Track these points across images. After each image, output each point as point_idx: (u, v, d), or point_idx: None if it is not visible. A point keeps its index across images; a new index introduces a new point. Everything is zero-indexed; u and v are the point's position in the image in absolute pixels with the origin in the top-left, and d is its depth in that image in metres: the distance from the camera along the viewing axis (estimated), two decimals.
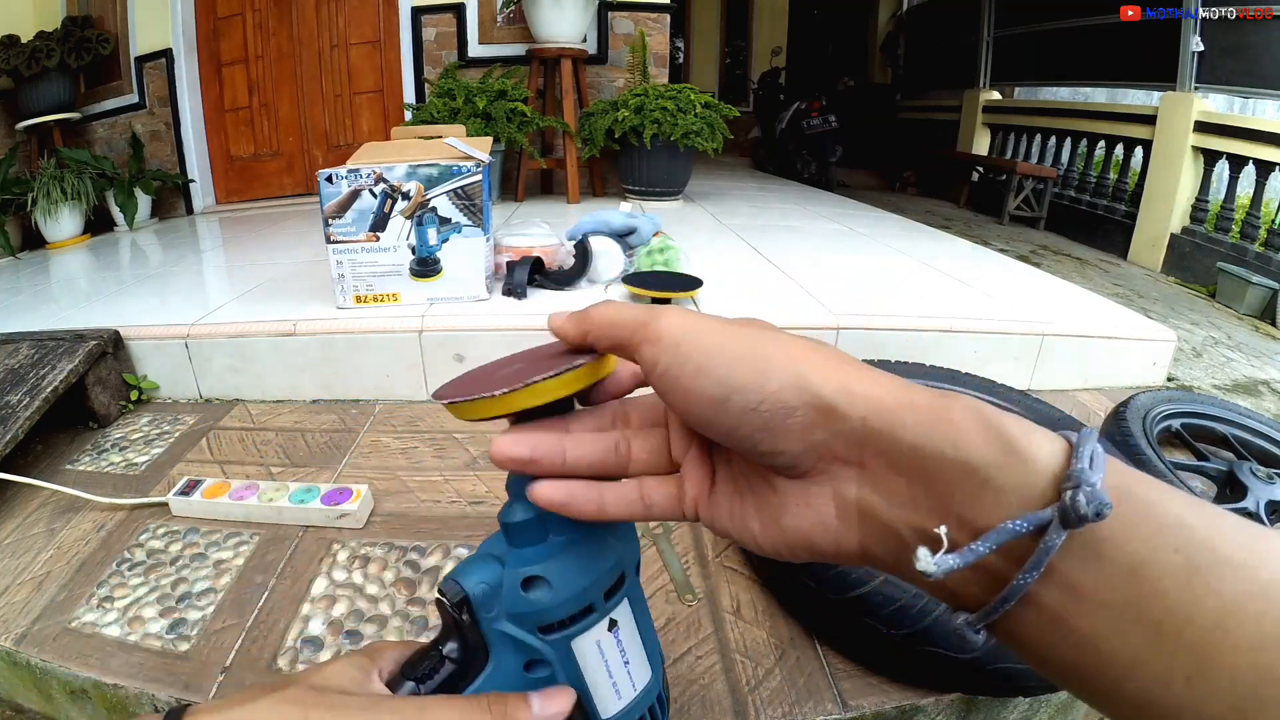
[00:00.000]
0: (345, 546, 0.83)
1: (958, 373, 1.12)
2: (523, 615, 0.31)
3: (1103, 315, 1.48)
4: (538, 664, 0.32)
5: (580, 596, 0.32)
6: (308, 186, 2.91)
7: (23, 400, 0.98)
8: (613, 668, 0.34)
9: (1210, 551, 0.19)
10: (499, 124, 2.34)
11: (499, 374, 0.32)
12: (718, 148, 2.48)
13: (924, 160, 5.48)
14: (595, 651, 0.33)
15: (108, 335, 1.17)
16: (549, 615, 0.31)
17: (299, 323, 1.23)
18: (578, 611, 0.32)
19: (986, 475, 0.20)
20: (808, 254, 1.84)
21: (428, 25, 2.77)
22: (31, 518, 0.90)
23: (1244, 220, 3.08)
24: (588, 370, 0.32)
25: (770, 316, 1.26)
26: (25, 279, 1.79)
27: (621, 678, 0.34)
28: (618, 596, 0.33)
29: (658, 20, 2.83)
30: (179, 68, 2.64)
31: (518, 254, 1.44)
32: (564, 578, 0.32)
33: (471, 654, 0.32)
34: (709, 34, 7.02)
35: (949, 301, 1.46)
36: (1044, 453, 0.20)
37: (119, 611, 0.73)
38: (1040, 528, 0.19)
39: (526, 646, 0.32)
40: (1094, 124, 4.02)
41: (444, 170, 1.21)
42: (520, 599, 0.31)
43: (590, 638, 0.33)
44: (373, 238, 1.23)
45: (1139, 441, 1.00)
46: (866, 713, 0.63)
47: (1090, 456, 0.20)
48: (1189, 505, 0.20)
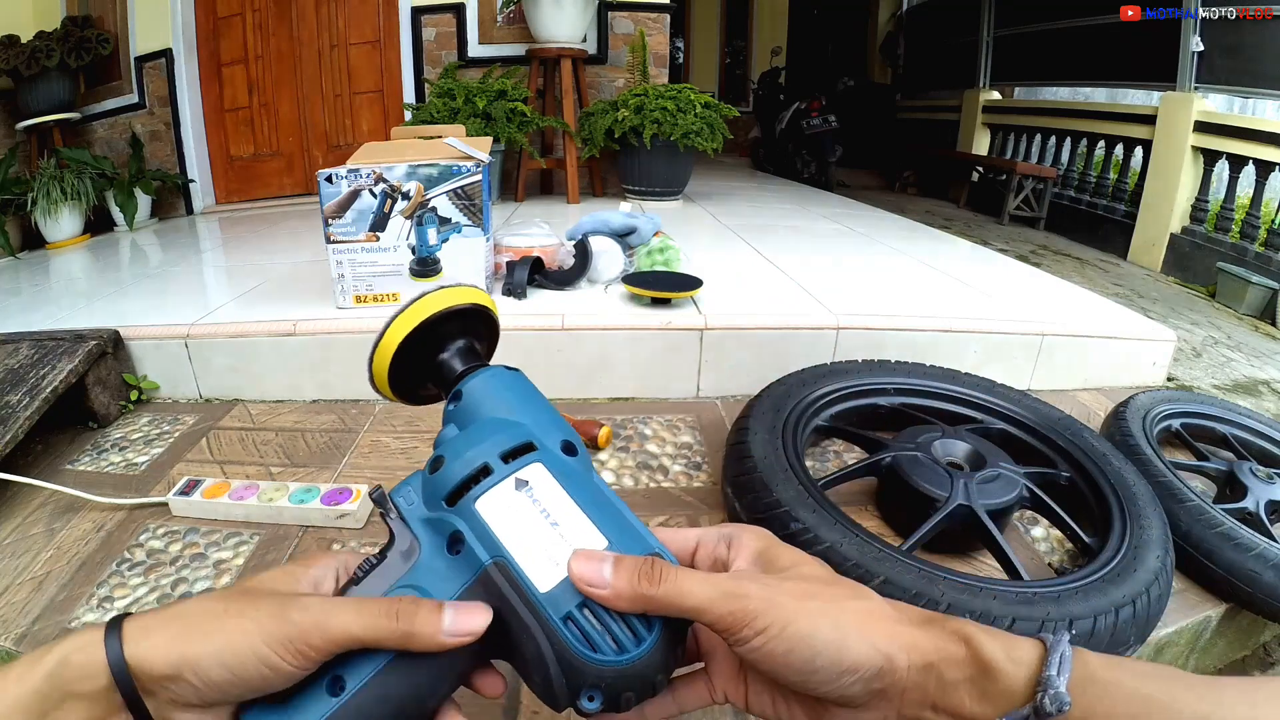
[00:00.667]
0: (345, 546, 0.83)
1: (957, 373, 1.12)
2: (431, 495, 0.33)
3: (1103, 315, 1.48)
4: (456, 539, 0.32)
5: (471, 458, 0.33)
6: (307, 186, 2.91)
7: (23, 400, 0.98)
8: (534, 528, 0.31)
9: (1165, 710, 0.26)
10: (499, 124, 2.34)
11: None
12: (718, 148, 2.48)
13: (924, 160, 5.48)
14: (505, 512, 0.32)
15: (108, 335, 1.17)
16: (448, 481, 0.33)
17: (299, 323, 1.23)
18: (475, 471, 0.33)
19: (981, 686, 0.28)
20: (808, 254, 1.84)
21: (428, 25, 2.77)
22: (31, 518, 0.90)
23: (1244, 220, 3.08)
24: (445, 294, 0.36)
25: (770, 316, 1.26)
26: (25, 279, 1.79)
27: (552, 542, 0.31)
28: (523, 460, 0.33)
29: (657, 20, 2.83)
30: (179, 68, 2.64)
31: (518, 254, 1.44)
32: (455, 447, 0.34)
33: (405, 551, 0.32)
34: (709, 34, 7.02)
35: (949, 301, 1.46)
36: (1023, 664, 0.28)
37: (119, 611, 0.73)
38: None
39: (441, 523, 0.32)
40: (1094, 124, 4.02)
41: (444, 170, 1.21)
42: (428, 480, 0.34)
43: (495, 495, 0.32)
44: (372, 238, 1.23)
45: (1139, 441, 1.00)
46: None
47: (1059, 660, 0.27)
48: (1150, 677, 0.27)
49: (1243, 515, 0.91)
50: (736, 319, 1.25)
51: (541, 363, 1.23)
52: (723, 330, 1.24)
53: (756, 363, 1.25)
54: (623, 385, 1.26)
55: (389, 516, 0.33)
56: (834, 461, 1.07)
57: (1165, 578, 0.73)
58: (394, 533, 0.33)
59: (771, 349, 1.25)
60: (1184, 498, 0.88)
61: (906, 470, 0.85)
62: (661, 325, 1.23)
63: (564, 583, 0.30)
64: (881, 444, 0.93)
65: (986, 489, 0.82)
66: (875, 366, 1.12)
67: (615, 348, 1.24)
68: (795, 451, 0.88)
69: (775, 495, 0.77)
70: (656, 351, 1.24)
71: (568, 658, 0.29)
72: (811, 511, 0.75)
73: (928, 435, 0.92)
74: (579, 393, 1.26)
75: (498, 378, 0.38)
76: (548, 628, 0.29)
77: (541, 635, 0.29)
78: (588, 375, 1.25)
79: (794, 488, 0.78)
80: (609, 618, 0.30)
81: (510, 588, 0.30)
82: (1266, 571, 0.77)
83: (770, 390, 1.03)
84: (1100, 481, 0.87)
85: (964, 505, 0.80)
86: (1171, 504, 0.87)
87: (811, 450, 1.10)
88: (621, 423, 1.15)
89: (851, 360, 1.17)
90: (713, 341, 1.24)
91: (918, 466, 0.86)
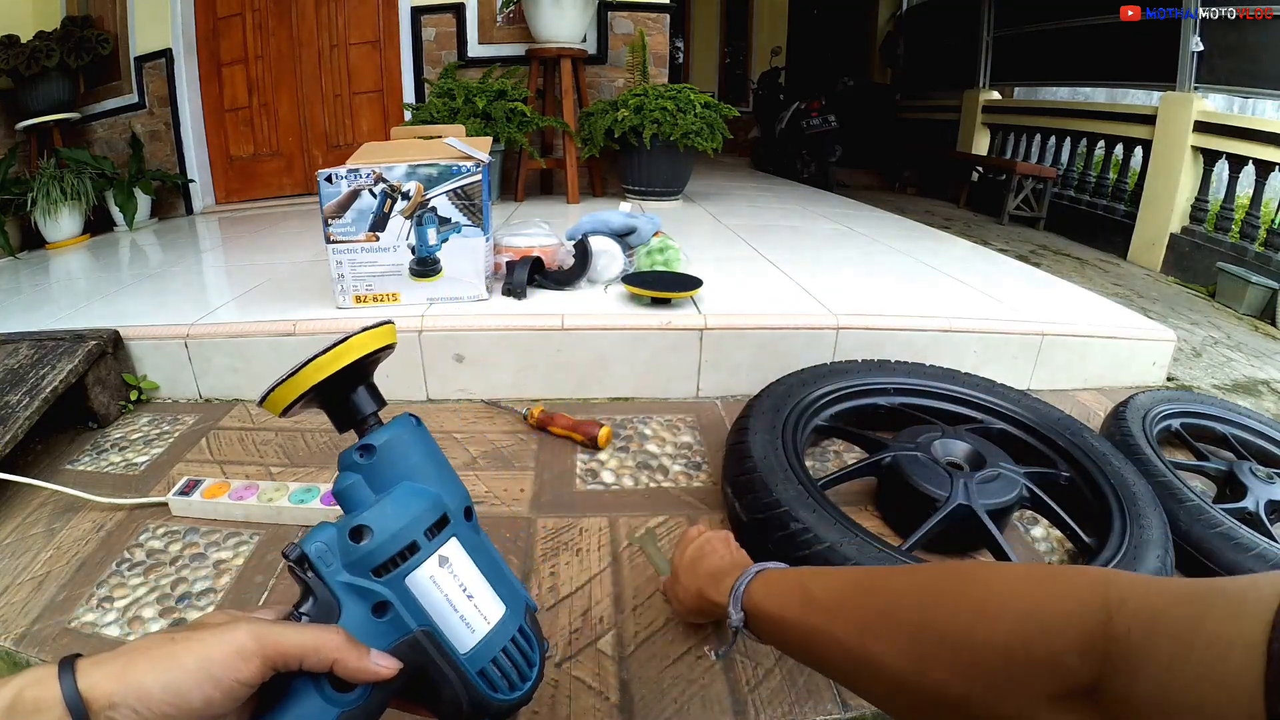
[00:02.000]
0: None
1: (957, 373, 1.12)
2: (356, 563, 0.35)
3: (1102, 315, 1.48)
4: (382, 606, 0.35)
5: (401, 534, 0.35)
6: (307, 186, 2.91)
7: (22, 400, 0.98)
8: (455, 602, 0.37)
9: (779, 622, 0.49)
10: (499, 124, 2.34)
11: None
12: (717, 148, 2.48)
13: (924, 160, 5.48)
14: (431, 586, 0.36)
15: (107, 335, 1.17)
16: (377, 556, 0.35)
17: (299, 323, 1.23)
18: (403, 548, 0.36)
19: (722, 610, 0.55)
20: (808, 254, 1.84)
21: (427, 25, 2.77)
22: (31, 518, 0.90)
23: (1243, 220, 3.08)
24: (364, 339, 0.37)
25: (770, 316, 1.26)
26: (25, 279, 1.79)
27: (469, 612, 0.37)
28: (443, 535, 0.37)
29: (657, 20, 2.83)
30: (179, 68, 2.63)
31: (517, 254, 1.43)
32: (383, 521, 0.35)
33: (325, 609, 0.35)
34: (709, 34, 7.02)
35: (949, 301, 1.46)
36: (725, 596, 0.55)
37: (118, 611, 0.73)
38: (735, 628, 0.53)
39: (368, 591, 0.35)
40: (1094, 124, 4.02)
41: (443, 170, 1.21)
42: (351, 548, 0.35)
43: (423, 574, 0.36)
44: (372, 238, 1.23)
45: (1138, 441, 1.00)
46: (866, 713, 0.63)
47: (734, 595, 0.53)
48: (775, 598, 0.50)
49: (1243, 515, 0.91)
50: (736, 319, 1.25)
51: (541, 363, 1.23)
52: (722, 330, 1.24)
53: (756, 363, 1.25)
54: (622, 385, 1.26)
55: (306, 575, 0.35)
56: (834, 461, 1.07)
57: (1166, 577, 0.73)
58: (313, 591, 0.35)
59: (771, 349, 1.25)
60: (1184, 498, 0.88)
61: (906, 470, 0.85)
62: (661, 325, 1.23)
63: (479, 644, 0.37)
64: (881, 444, 0.93)
65: (986, 489, 0.82)
66: (875, 366, 1.12)
67: (615, 348, 1.24)
68: (795, 451, 0.88)
69: (775, 495, 0.77)
70: (656, 351, 1.24)
71: (478, 698, 0.37)
72: (811, 511, 0.75)
73: (928, 435, 0.92)
74: (579, 393, 1.26)
75: (408, 434, 0.39)
76: (465, 680, 0.36)
77: (459, 684, 0.36)
78: (587, 375, 1.25)
79: (794, 487, 0.78)
80: (509, 666, 0.38)
81: (435, 650, 0.36)
82: (1266, 571, 0.77)
83: (770, 390, 1.03)
84: (1100, 481, 0.87)
85: (964, 505, 0.80)
86: (1171, 504, 0.87)
87: (811, 450, 1.10)
88: (621, 423, 1.15)
89: (851, 360, 1.18)
90: (712, 341, 1.24)
91: (918, 466, 0.86)
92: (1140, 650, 0.27)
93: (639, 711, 0.62)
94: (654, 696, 0.63)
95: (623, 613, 0.73)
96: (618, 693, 0.63)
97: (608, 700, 0.63)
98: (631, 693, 0.63)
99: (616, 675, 0.65)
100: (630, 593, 0.76)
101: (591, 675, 0.65)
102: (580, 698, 0.62)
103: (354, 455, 0.37)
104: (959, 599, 0.36)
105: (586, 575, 0.79)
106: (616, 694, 0.63)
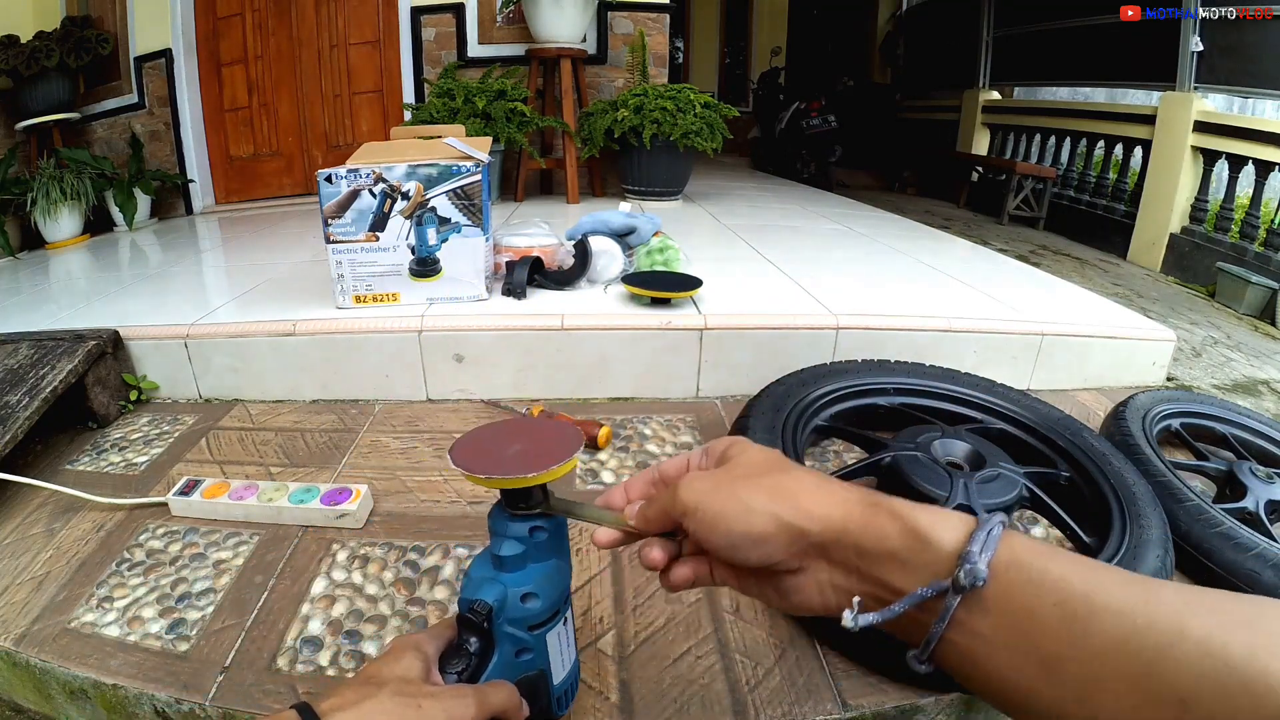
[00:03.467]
0: (345, 547, 0.83)
1: (957, 372, 1.12)
2: (518, 619, 0.47)
3: (1102, 315, 1.48)
4: (524, 651, 0.48)
5: (556, 603, 0.49)
6: (307, 186, 2.91)
7: (22, 400, 0.98)
8: (564, 650, 0.53)
9: (1087, 603, 0.26)
10: (498, 124, 2.34)
11: (509, 451, 0.45)
12: (717, 148, 2.48)
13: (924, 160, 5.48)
14: (556, 640, 0.51)
15: (107, 335, 1.17)
16: (539, 617, 0.48)
17: (298, 323, 1.23)
18: (553, 614, 0.49)
19: (904, 558, 0.31)
20: (808, 254, 1.84)
21: (427, 25, 2.77)
22: (31, 518, 0.90)
23: (1243, 220, 3.08)
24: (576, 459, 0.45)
25: (770, 316, 1.26)
26: (25, 279, 1.79)
27: (567, 657, 0.53)
28: (566, 606, 0.52)
29: (657, 20, 2.83)
30: (178, 68, 2.63)
31: (517, 254, 1.43)
32: (547, 591, 0.48)
33: (486, 648, 0.46)
34: (709, 34, 7.02)
35: (949, 301, 1.46)
36: (948, 538, 0.30)
37: (118, 611, 0.73)
38: (941, 592, 0.29)
39: (519, 639, 0.48)
40: (1093, 124, 4.02)
41: (443, 170, 1.21)
42: (519, 608, 0.47)
43: (556, 631, 0.50)
44: (372, 238, 1.23)
45: (1138, 441, 1.00)
46: (866, 712, 0.63)
47: (985, 537, 0.29)
48: (1074, 566, 0.28)
49: (1242, 515, 0.91)
50: (736, 319, 1.25)
51: (541, 363, 1.23)
52: (722, 330, 1.24)
53: (756, 363, 1.25)
54: (622, 385, 1.26)
55: (482, 623, 0.46)
56: (834, 461, 1.07)
57: (1165, 577, 0.73)
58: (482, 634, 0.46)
59: (771, 349, 1.25)
60: (1184, 497, 0.88)
61: (906, 470, 0.85)
62: (661, 325, 1.23)
63: (562, 679, 0.53)
64: (881, 444, 0.93)
65: (986, 489, 0.82)
66: (875, 366, 1.12)
67: (615, 348, 1.24)
68: (795, 451, 0.88)
69: None
70: (656, 351, 1.24)
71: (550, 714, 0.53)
72: None
73: (927, 435, 0.92)
74: (579, 393, 1.26)
75: (564, 529, 0.52)
76: (549, 701, 0.52)
77: (546, 703, 0.52)
78: (587, 375, 1.25)
79: None
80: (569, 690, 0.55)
81: (542, 683, 0.51)
82: (1266, 571, 0.77)
83: (770, 390, 1.03)
84: (1100, 481, 0.87)
85: (964, 505, 0.80)
86: (1171, 504, 0.87)
87: (811, 450, 1.10)
88: (621, 423, 1.15)
89: (851, 360, 1.18)
90: (712, 341, 1.24)
91: (917, 466, 0.86)
92: None
93: (639, 711, 0.62)
94: (654, 696, 0.63)
95: (623, 613, 0.73)
96: (618, 693, 0.63)
97: (608, 700, 0.63)
98: (631, 693, 0.63)
99: (616, 675, 0.65)
100: (630, 593, 0.76)
101: (591, 675, 0.65)
102: (580, 698, 0.62)
103: (523, 530, 0.47)
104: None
105: (586, 575, 0.79)
106: (616, 694, 0.63)
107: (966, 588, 0.28)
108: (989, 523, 0.30)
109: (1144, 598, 0.26)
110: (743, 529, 0.34)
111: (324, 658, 0.67)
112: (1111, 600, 0.26)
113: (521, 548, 0.47)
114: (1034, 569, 0.28)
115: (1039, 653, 0.27)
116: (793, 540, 0.33)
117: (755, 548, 0.34)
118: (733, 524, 0.34)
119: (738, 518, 0.34)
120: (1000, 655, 0.28)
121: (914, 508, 0.32)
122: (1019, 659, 0.27)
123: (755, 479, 0.36)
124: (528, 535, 0.47)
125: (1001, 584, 0.28)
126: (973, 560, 0.28)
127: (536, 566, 0.48)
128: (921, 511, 0.32)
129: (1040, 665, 0.27)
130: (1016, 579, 0.28)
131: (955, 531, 0.30)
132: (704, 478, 0.37)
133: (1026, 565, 0.28)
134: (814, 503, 0.34)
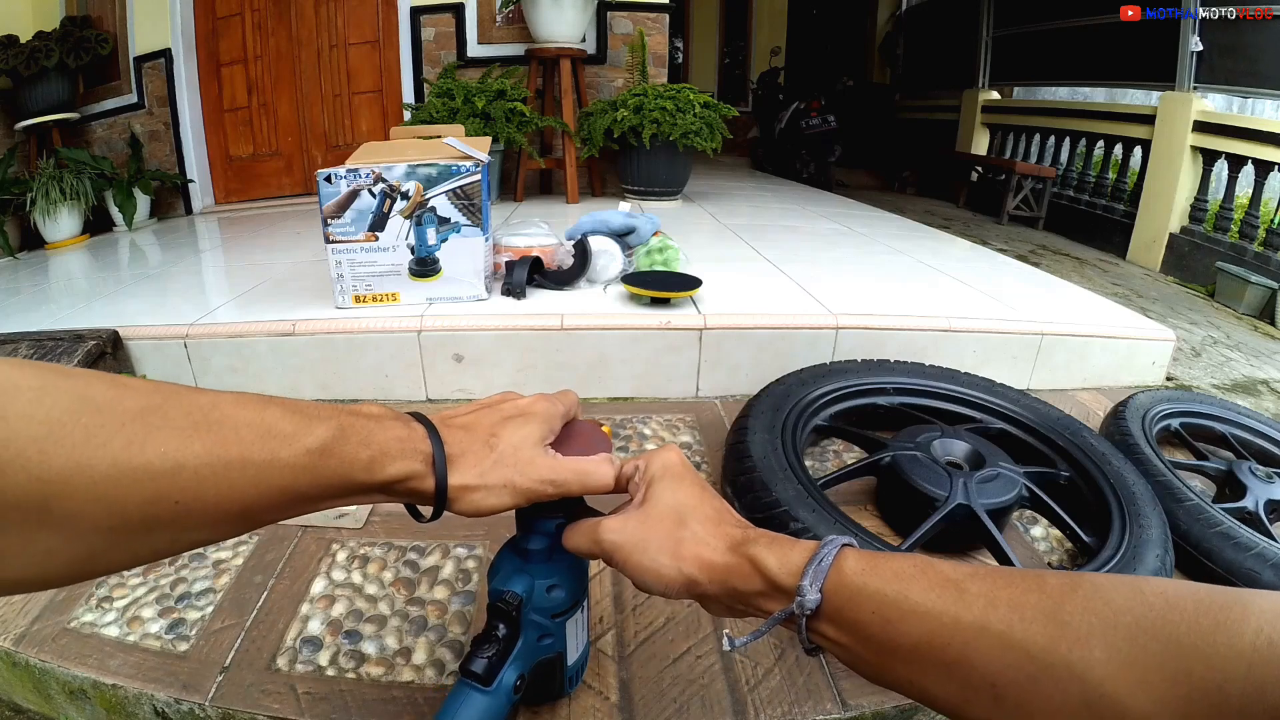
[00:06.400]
0: (344, 546, 0.83)
1: (957, 372, 1.12)
2: (544, 608, 0.51)
3: (1102, 315, 1.48)
4: (545, 636, 0.53)
5: (577, 594, 0.53)
6: (307, 186, 2.90)
7: None
8: (580, 635, 0.58)
9: (898, 608, 0.33)
10: (498, 124, 2.34)
11: None
12: (717, 147, 2.48)
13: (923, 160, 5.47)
14: (574, 626, 0.55)
15: (107, 335, 1.17)
16: (561, 606, 0.52)
17: (298, 323, 1.22)
18: (574, 604, 0.53)
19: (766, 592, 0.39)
20: (808, 254, 1.84)
21: (427, 25, 2.77)
22: None
23: (1243, 220, 3.08)
24: None
25: (770, 316, 1.26)
26: (24, 279, 1.79)
27: (581, 640, 0.58)
28: (587, 590, 0.56)
29: (657, 20, 2.83)
30: (178, 68, 2.63)
31: (517, 254, 1.43)
32: (570, 584, 0.52)
33: (512, 634, 0.49)
34: (708, 34, 7.02)
35: (949, 301, 1.46)
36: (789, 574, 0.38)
37: (118, 611, 0.73)
38: (791, 615, 0.37)
39: (542, 626, 0.52)
40: (1093, 124, 4.02)
41: (443, 170, 1.21)
42: (545, 598, 0.51)
43: (574, 618, 0.55)
44: (372, 237, 1.23)
45: (1138, 441, 1.00)
46: (866, 712, 0.63)
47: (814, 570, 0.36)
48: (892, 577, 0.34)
49: (1242, 515, 0.91)
50: (736, 319, 1.25)
51: (541, 362, 1.23)
52: (722, 330, 1.24)
53: (756, 362, 1.25)
54: (622, 385, 1.26)
55: (512, 611, 0.49)
56: (834, 461, 1.07)
57: (1165, 576, 0.73)
58: (511, 621, 0.49)
59: (771, 349, 1.25)
60: (1183, 497, 0.88)
61: (906, 470, 0.85)
62: (661, 325, 1.23)
63: (575, 660, 0.58)
64: (881, 443, 0.93)
65: (986, 488, 0.82)
66: (875, 366, 1.12)
67: (614, 348, 1.23)
68: (795, 451, 0.88)
69: (775, 495, 0.77)
70: (656, 351, 1.24)
71: (561, 691, 0.60)
72: (811, 511, 0.75)
73: (927, 435, 0.92)
74: (578, 393, 1.25)
75: None
76: (563, 678, 0.58)
77: (559, 680, 0.58)
78: (587, 375, 1.25)
79: (793, 487, 0.78)
80: (579, 669, 0.60)
81: (558, 664, 0.56)
82: (1266, 570, 0.77)
83: (770, 390, 1.03)
84: (1100, 481, 0.88)
85: (963, 505, 0.80)
86: (1171, 503, 0.87)
87: (811, 450, 1.10)
88: (621, 423, 1.15)
89: (851, 360, 1.18)
90: (712, 341, 1.24)
91: (917, 466, 0.86)
92: None
93: (639, 711, 0.62)
94: (654, 696, 0.63)
95: (623, 613, 0.73)
96: (618, 693, 0.63)
97: (608, 700, 0.63)
98: (631, 693, 0.63)
99: (616, 675, 0.65)
100: (630, 593, 0.76)
101: (591, 675, 0.65)
102: (580, 697, 0.62)
103: (551, 526, 0.50)
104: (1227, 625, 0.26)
105: None
106: (616, 694, 0.63)
107: (807, 613, 0.36)
108: (820, 555, 0.37)
109: (953, 598, 0.32)
110: (651, 578, 0.42)
111: (324, 657, 0.67)
112: (919, 604, 0.32)
113: (547, 542, 0.50)
114: (854, 586, 0.35)
115: (873, 650, 0.35)
116: (687, 587, 0.41)
117: (662, 589, 0.42)
118: (644, 573, 0.42)
119: (646, 569, 0.42)
120: (852, 651, 0.36)
121: (769, 549, 0.39)
122: (866, 653, 0.35)
123: (663, 531, 0.42)
124: (554, 531, 0.50)
125: (833, 602, 0.36)
126: (803, 592, 0.36)
127: (561, 560, 0.51)
128: (771, 553, 0.39)
129: (878, 658, 0.35)
130: (844, 595, 0.35)
131: (795, 565, 0.38)
132: (621, 525, 0.43)
133: (849, 584, 0.35)
134: (703, 554, 0.41)
